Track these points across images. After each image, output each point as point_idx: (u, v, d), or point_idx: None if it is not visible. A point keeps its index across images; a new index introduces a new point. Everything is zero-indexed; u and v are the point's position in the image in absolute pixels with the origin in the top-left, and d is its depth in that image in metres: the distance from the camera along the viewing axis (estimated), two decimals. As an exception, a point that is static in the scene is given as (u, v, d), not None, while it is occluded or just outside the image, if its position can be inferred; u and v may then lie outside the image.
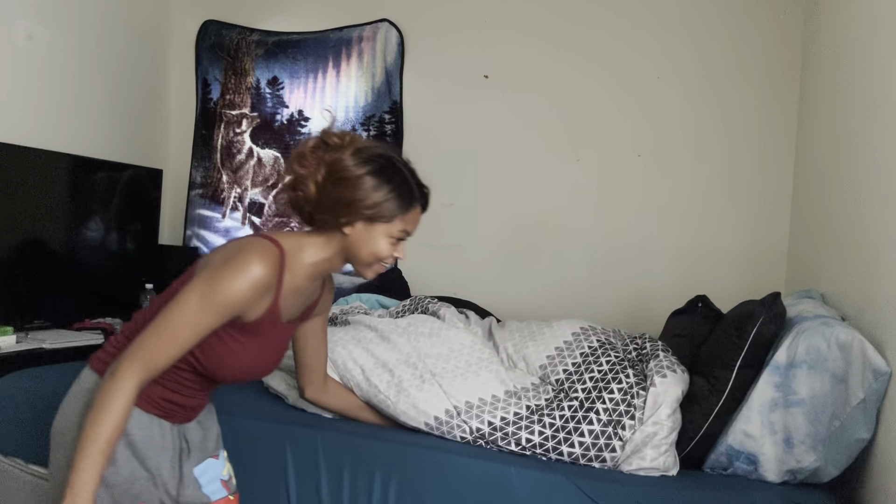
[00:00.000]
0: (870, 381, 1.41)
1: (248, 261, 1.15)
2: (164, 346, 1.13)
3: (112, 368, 1.13)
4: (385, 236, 1.26)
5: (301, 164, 1.25)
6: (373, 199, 1.22)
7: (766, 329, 1.54)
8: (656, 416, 1.54)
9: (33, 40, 2.80)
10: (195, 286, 1.14)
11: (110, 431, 1.10)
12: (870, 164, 1.65)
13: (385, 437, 1.64)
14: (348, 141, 1.26)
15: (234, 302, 1.15)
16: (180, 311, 1.13)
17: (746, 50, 2.64)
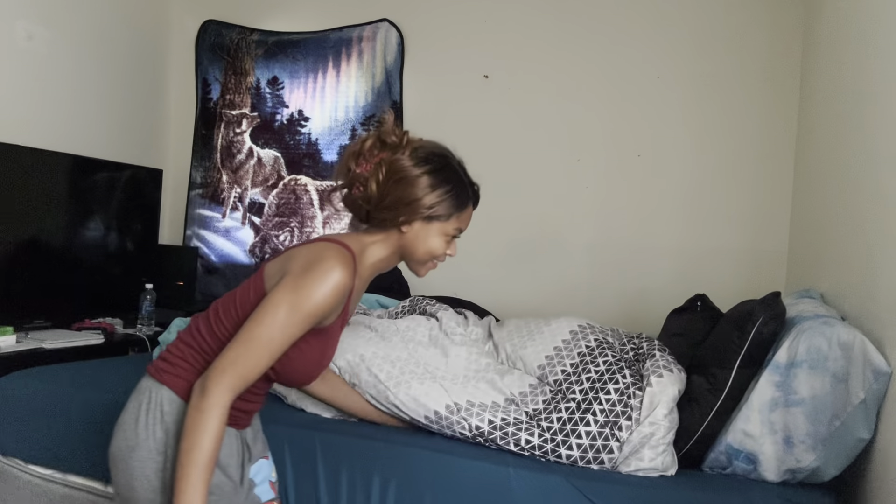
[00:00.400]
0: (870, 381, 1.41)
1: (331, 269, 1.15)
2: (257, 360, 1.13)
3: (203, 386, 1.11)
4: (441, 235, 1.28)
5: (358, 162, 1.27)
6: (431, 199, 1.25)
7: (766, 329, 1.54)
8: (653, 416, 1.54)
9: (33, 40, 2.80)
10: (281, 297, 1.13)
11: (210, 452, 1.09)
12: (870, 164, 1.65)
13: (384, 437, 1.64)
14: (406, 140, 1.28)
15: (321, 310, 1.15)
16: (269, 324, 1.12)
17: (746, 50, 2.64)
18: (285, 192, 3.29)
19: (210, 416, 1.09)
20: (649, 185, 2.77)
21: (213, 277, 3.40)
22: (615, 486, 1.46)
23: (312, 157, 3.25)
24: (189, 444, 1.08)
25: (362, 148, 1.28)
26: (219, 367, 1.12)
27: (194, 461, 1.08)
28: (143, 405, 1.20)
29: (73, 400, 1.90)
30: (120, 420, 1.22)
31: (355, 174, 1.27)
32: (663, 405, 1.55)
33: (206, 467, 1.09)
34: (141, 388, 1.23)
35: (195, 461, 1.08)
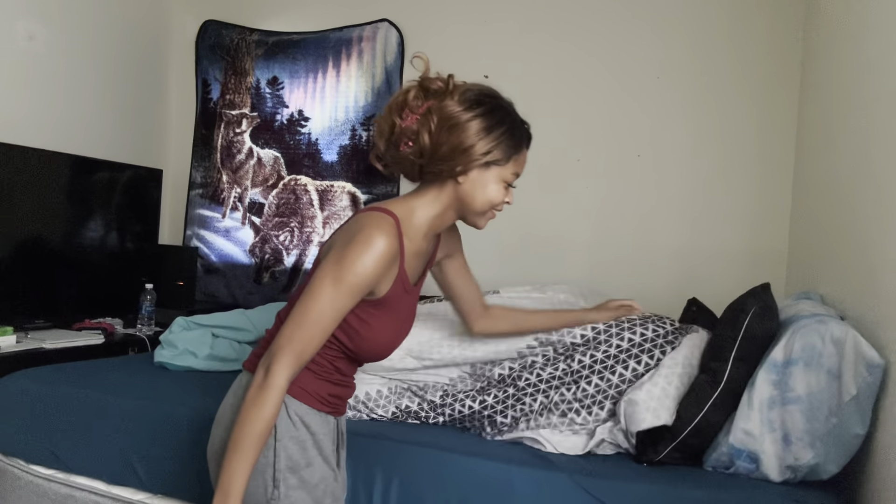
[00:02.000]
0: (863, 376, 1.41)
1: (369, 236, 1.13)
2: (309, 337, 1.13)
3: (265, 365, 1.12)
4: (499, 181, 1.25)
5: (403, 115, 1.21)
6: (488, 143, 1.20)
7: (757, 320, 1.56)
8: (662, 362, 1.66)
9: (33, 40, 2.80)
10: (325, 272, 1.14)
11: (265, 428, 1.10)
12: (870, 164, 1.65)
13: (386, 436, 1.64)
14: (452, 84, 1.22)
15: (364, 279, 1.14)
16: (316, 299, 1.13)
17: (746, 50, 2.64)
18: (285, 192, 3.29)
19: (268, 393, 1.09)
20: (649, 185, 2.77)
21: (213, 277, 3.40)
22: (618, 483, 1.46)
23: (312, 157, 3.25)
24: (244, 419, 1.09)
25: (406, 99, 1.22)
26: (276, 346, 1.12)
27: (248, 434, 1.08)
28: (232, 400, 1.24)
29: (74, 400, 1.90)
30: (221, 415, 1.24)
31: (402, 129, 1.20)
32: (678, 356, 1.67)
33: (258, 441, 1.10)
34: (242, 384, 1.24)
35: (249, 434, 1.08)
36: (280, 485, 1.17)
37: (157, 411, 1.79)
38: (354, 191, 3.18)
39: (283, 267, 3.28)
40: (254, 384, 1.11)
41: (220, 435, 1.22)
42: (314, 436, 1.23)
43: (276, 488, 1.17)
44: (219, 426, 1.24)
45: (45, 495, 1.90)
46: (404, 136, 1.20)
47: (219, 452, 1.19)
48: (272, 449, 1.18)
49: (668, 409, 1.59)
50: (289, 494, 1.18)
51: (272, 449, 1.18)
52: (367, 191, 3.16)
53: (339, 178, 3.21)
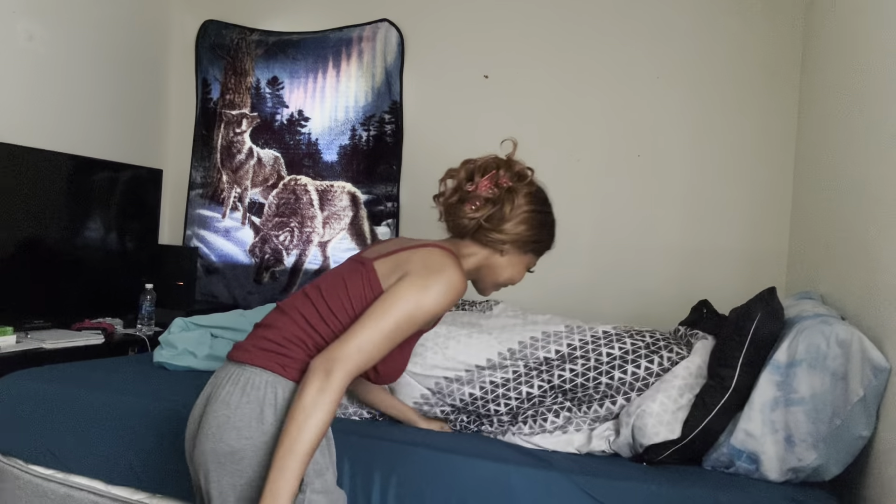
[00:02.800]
0: (869, 378, 1.41)
1: (455, 276, 1.23)
2: (379, 350, 1.18)
3: (327, 369, 1.12)
4: (524, 267, 1.42)
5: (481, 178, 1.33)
6: (539, 235, 1.37)
7: (764, 325, 1.55)
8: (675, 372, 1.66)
9: (33, 40, 2.80)
10: (408, 294, 1.19)
11: (322, 433, 1.10)
12: (870, 164, 1.65)
13: (385, 436, 1.64)
14: (529, 176, 1.37)
15: (440, 312, 1.23)
16: (395, 316, 1.17)
17: (746, 50, 2.64)
18: (285, 192, 3.29)
19: (331, 398, 1.10)
20: (649, 185, 2.77)
21: (213, 277, 3.40)
22: (617, 483, 1.46)
23: (312, 157, 3.25)
24: (302, 420, 1.08)
25: (496, 168, 1.35)
26: (345, 352, 1.14)
27: (306, 440, 1.07)
28: (268, 400, 1.17)
29: (74, 400, 1.90)
30: (230, 415, 1.16)
31: (476, 190, 1.32)
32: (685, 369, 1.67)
33: (313, 449, 1.09)
34: (256, 382, 1.18)
35: (307, 440, 1.08)
36: (307, 489, 1.16)
37: (157, 411, 1.79)
38: (354, 191, 3.18)
39: (283, 267, 3.28)
40: (312, 387, 1.10)
41: (229, 441, 1.15)
42: (329, 441, 1.27)
43: (301, 492, 1.15)
44: (228, 430, 1.16)
45: (45, 495, 1.89)
46: (475, 197, 1.32)
47: (230, 458, 1.15)
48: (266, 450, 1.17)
49: (682, 421, 1.60)
50: (313, 499, 1.17)
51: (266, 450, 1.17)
52: (368, 191, 3.16)
53: (339, 178, 3.21)
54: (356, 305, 1.23)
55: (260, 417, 1.16)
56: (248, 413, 1.16)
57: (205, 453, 1.17)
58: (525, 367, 1.72)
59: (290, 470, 1.06)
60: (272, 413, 1.17)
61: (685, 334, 1.89)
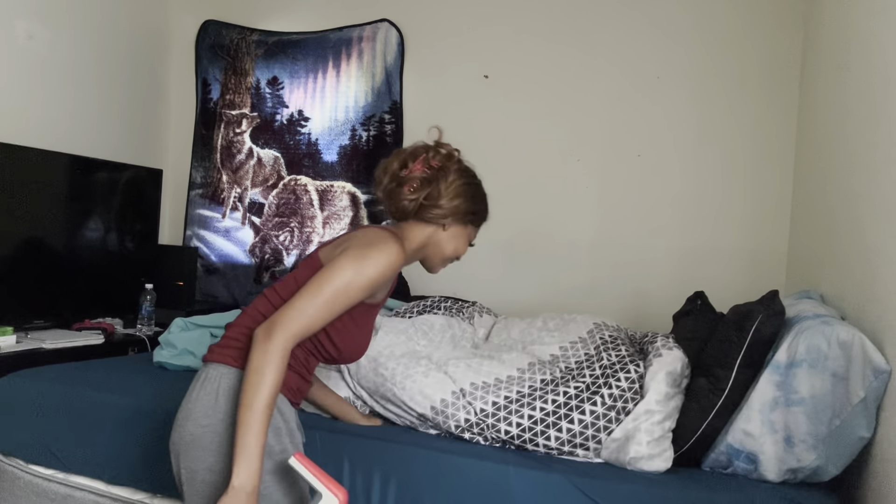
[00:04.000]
0: (870, 380, 1.41)
1: (392, 246, 1.30)
2: (320, 315, 1.24)
3: (268, 330, 1.20)
4: (467, 239, 1.51)
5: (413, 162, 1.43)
6: (475, 206, 1.48)
7: (765, 327, 1.54)
8: (646, 400, 1.60)
9: (33, 40, 2.80)
10: (346, 263, 1.27)
11: (274, 390, 1.18)
12: (870, 164, 1.65)
13: (384, 436, 1.64)
14: (457, 156, 1.48)
15: (379, 280, 1.29)
16: (334, 282, 1.25)
17: (746, 50, 2.64)
18: (285, 192, 3.29)
19: (276, 356, 1.18)
20: (649, 185, 2.77)
21: (213, 277, 3.40)
22: (615, 484, 1.46)
23: (312, 157, 3.25)
24: (255, 380, 1.16)
25: (425, 152, 1.45)
26: (285, 315, 1.22)
27: (261, 396, 1.16)
28: (222, 389, 1.27)
29: (74, 400, 1.90)
30: (191, 408, 1.27)
31: (410, 174, 1.41)
32: (657, 383, 1.61)
33: (270, 404, 1.17)
34: (211, 375, 1.29)
35: (262, 396, 1.16)
36: (267, 474, 1.23)
37: (157, 411, 1.79)
38: (354, 191, 3.18)
39: (283, 267, 3.28)
40: (256, 351, 1.19)
41: (190, 429, 1.26)
42: (287, 423, 1.30)
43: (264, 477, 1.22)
44: (188, 420, 1.26)
45: (45, 495, 1.89)
46: (411, 180, 1.41)
47: (191, 445, 1.25)
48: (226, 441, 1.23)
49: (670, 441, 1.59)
50: (263, 478, 1.22)
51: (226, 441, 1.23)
52: (367, 191, 3.16)
53: (339, 178, 3.21)
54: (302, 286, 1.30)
55: (214, 406, 1.25)
56: (204, 403, 1.26)
57: (174, 443, 1.28)
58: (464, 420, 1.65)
59: (252, 424, 1.15)
60: (225, 400, 1.25)
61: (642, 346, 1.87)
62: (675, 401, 1.62)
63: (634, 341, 1.97)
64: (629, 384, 1.65)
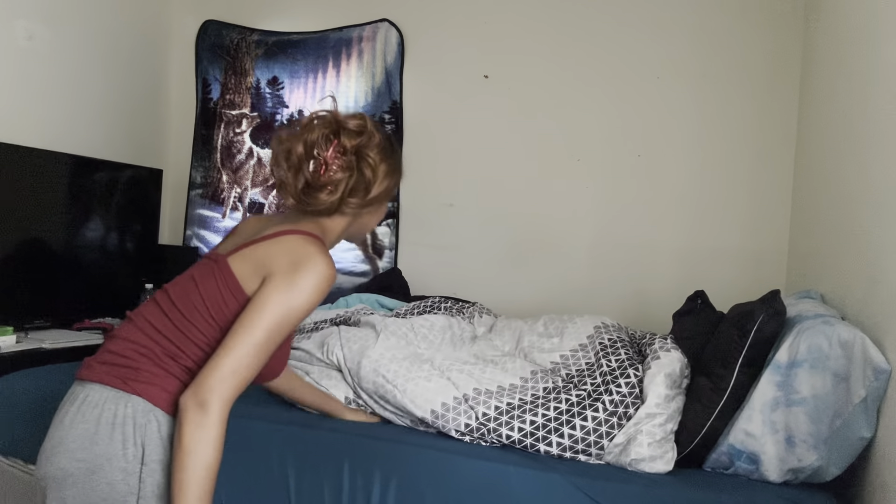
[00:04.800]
0: (871, 380, 1.41)
1: (321, 265, 1.13)
2: (257, 365, 1.10)
3: (201, 399, 1.04)
4: (385, 207, 1.37)
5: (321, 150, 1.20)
6: (392, 183, 1.29)
7: (767, 327, 1.54)
8: (647, 403, 1.59)
9: (33, 40, 2.80)
10: (277, 299, 1.10)
11: (216, 469, 1.04)
12: (870, 164, 1.65)
13: (385, 436, 1.64)
14: (367, 127, 1.23)
15: (314, 306, 1.14)
16: (267, 327, 1.09)
17: (746, 50, 2.64)
18: (285, 192, 3.29)
19: (216, 431, 1.04)
20: (649, 185, 2.77)
21: (213, 277, 3.39)
22: (616, 484, 1.46)
23: (312, 157, 3.25)
24: (191, 463, 1.01)
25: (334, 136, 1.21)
26: (218, 377, 1.05)
27: (199, 481, 1.02)
28: (105, 418, 1.08)
29: (74, 400, 1.90)
30: (63, 436, 1.08)
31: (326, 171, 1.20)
32: (656, 386, 1.60)
33: (212, 487, 1.04)
34: (92, 400, 1.09)
35: (200, 481, 1.02)
36: None
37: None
38: (354, 191, 3.18)
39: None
40: (188, 426, 1.02)
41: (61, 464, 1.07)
42: None
43: None
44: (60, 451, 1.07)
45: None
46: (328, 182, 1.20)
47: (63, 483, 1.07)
48: (136, 476, 1.07)
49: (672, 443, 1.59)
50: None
51: (136, 476, 1.07)
52: (367, 191, 3.16)
53: (339, 178, 3.20)
54: (212, 308, 1.13)
55: (94, 437, 1.06)
56: (81, 433, 1.07)
57: (41, 478, 1.10)
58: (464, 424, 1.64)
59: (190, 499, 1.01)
60: (108, 433, 1.07)
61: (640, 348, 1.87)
62: (676, 402, 1.61)
63: (634, 341, 1.97)
64: (629, 389, 1.65)
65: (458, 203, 3.04)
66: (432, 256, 3.05)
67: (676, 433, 1.59)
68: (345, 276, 3.16)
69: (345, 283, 3.15)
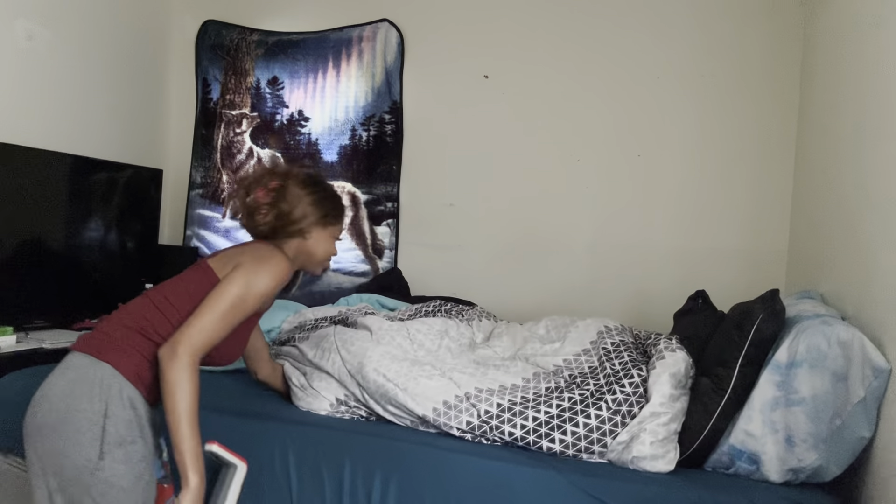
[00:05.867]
0: (870, 379, 1.41)
1: (281, 261, 1.47)
2: (218, 329, 1.37)
3: (174, 351, 1.32)
4: (332, 238, 1.61)
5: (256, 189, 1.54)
6: (325, 210, 1.57)
7: (766, 326, 1.54)
8: (652, 402, 1.60)
9: (33, 40, 2.80)
10: (238, 279, 1.41)
11: (196, 402, 1.32)
12: (869, 164, 1.65)
13: (385, 435, 1.64)
14: (293, 170, 1.58)
15: (269, 293, 1.44)
16: (227, 299, 1.38)
17: (746, 50, 2.64)
18: (285, 192, 3.29)
19: (187, 371, 1.31)
20: (649, 185, 2.77)
21: (213, 277, 3.39)
22: (616, 483, 1.46)
23: (312, 157, 3.25)
24: (175, 393, 1.30)
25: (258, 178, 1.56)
26: (186, 333, 1.34)
27: (185, 407, 1.30)
28: (79, 379, 1.34)
29: (74, 400, 1.90)
30: (46, 391, 1.35)
31: (255, 200, 1.53)
32: (661, 385, 1.61)
33: (195, 410, 1.31)
34: (73, 364, 1.37)
35: (186, 406, 1.30)
36: (106, 457, 1.30)
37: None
38: (354, 191, 3.18)
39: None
40: (168, 370, 1.31)
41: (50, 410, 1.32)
42: (140, 418, 1.36)
43: (101, 459, 1.29)
44: (42, 404, 1.34)
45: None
46: (258, 207, 1.53)
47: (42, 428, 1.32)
48: (100, 425, 1.30)
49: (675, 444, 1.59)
50: (113, 466, 1.30)
51: (100, 425, 1.30)
52: (368, 191, 3.16)
53: (339, 178, 3.20)
54: (194, 295, 1.41)
55: (68, 393, 1.32)
56: (60, 389, 1.34)
57: (25, 425, 1.37)
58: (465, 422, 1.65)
59: (187, 432, 1.30)
60: (80, 390, 1.32)
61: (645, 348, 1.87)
62: (680, 402, 1.61)
63: (640, 342, 1.97)
64: (633, 388, 1.65)
65: (458, 203, 3.04)
66: (432, 256, 3.05)
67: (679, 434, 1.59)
68: (345, 276, 3.16)
69: (345, 283, 3.15)
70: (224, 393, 1.98)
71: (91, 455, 1.29)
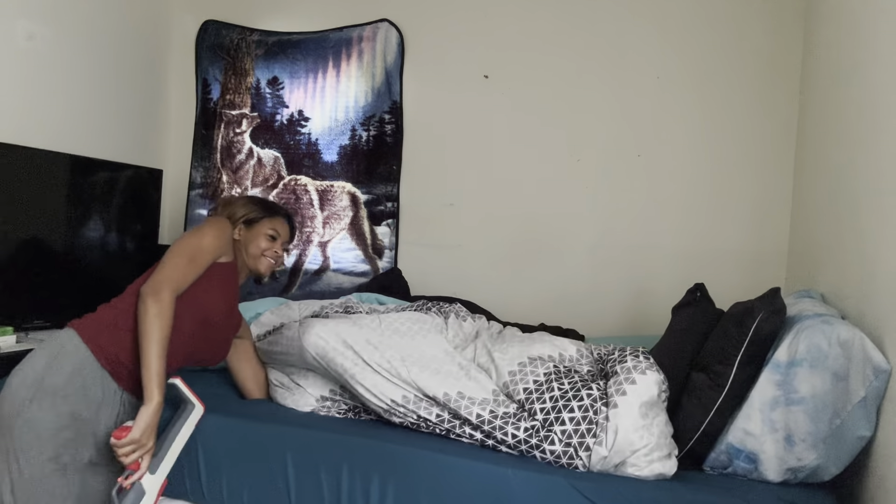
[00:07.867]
0: (870, 379, 1.41)
1: (222, 224, 1.73)
2: (182, 273, 1.57)
3: (152, 288, 1.50)
4: (260, 235, 1.83)
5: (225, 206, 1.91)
6: (244, 210, 1.85)
7: (766, 324, 1.54)
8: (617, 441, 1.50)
9: (33, 40, 2.80)
10: (191, 234, 1.65)
11: (166, 333, 1.48)
12: (869, 164, 1.65)
13: (383, 438, 1.64)
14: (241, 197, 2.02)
15: (216, 241, 1.65)
16: (184, 250, 1.60)
17: (746, 50, 2.64)
18: (285, 192, 3.29)
19: (167, 304, 1.50)
20: (649, 185, 2.77)
21: (213, 277, 3.39)
22: (615, 486, 1.46)
23: (312, 157, 3.25)
24: (155, 326, 1.47)
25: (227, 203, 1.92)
26: (156, 279, 1.53)
27: (159, 337, 1.47)
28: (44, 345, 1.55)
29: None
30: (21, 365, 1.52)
31: None
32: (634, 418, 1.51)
33: (166, 337, 1.48)
34: (55, 337, 1.57)
35: (160, 337, 1.47)
36: (34, 402, 1.45)
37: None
38: (354, 191, 3.18)
39: (283, 267, 3.28)
40: (149, 301, 1.48)
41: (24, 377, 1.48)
42: (84, 379, 1.50)
43: (31, 402, 1.44)
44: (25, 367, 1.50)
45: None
46: None
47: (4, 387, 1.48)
48: (41, 375, 1.47)
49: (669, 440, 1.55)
50: (37, 411, 1.44)
51: (41, 375, 1.47)
52: (368, 191, 3.16)
53: (339, 178, 3.20)
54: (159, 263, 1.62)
55: (32, 356, 1.53)
56: (37, 359, 1.51)
57: (9, 384, 1.50)
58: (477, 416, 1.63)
59: (155, 352, 1.46)
60: (44, 351, 1.52)
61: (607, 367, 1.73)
62: (657, 422, 1.54)
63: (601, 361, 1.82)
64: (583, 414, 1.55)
65: (458, 203, 3.04)
66: (432, 256, 3.05)
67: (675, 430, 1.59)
68: (345, 276, 3.16)
69: (345, 283, 3.15)
70: (217, 389, 1.98)
71: (24, 398, 1.44)
